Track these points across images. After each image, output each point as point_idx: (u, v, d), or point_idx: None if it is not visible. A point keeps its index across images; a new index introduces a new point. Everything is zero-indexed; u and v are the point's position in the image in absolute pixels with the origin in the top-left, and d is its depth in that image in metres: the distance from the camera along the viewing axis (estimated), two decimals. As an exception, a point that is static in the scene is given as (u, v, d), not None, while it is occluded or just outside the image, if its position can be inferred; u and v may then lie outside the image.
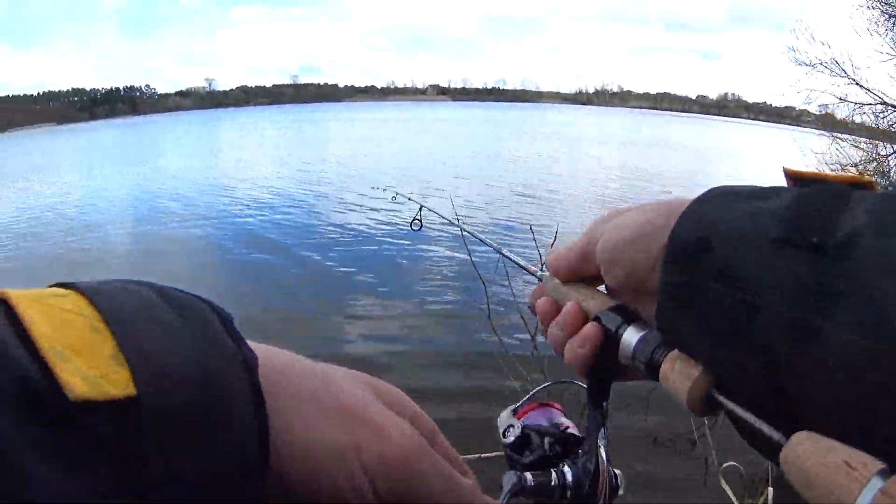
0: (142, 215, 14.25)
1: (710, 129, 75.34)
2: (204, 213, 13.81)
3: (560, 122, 65.76)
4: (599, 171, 22.23)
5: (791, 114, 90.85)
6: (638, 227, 0.44)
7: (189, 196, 16.69)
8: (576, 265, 0.51)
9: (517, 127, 54.15)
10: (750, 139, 59.17)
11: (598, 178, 19.96)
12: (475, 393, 4.79)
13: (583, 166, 23.82)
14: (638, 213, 0.45)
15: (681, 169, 23.55)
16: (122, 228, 12.95)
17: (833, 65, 12.15)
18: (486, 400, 4.30)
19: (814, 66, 12.47)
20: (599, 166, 23.75)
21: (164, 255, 10.63)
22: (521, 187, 16.10)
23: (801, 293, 0.33)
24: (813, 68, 12.51)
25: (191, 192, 17.56)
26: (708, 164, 27.91)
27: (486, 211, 12.76)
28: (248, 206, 14.44)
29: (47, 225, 13.43)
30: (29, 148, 48.58)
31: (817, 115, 16.61)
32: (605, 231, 0.47)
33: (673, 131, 61.06)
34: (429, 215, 1.88)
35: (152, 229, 12.68)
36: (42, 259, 10.63)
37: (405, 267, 8.85)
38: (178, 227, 12.69)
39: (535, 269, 0.66)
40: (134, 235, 12.35)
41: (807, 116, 23.91)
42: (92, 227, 13.01)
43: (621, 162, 26.43)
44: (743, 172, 24.28)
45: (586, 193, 16.17)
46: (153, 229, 12.67)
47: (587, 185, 18.39)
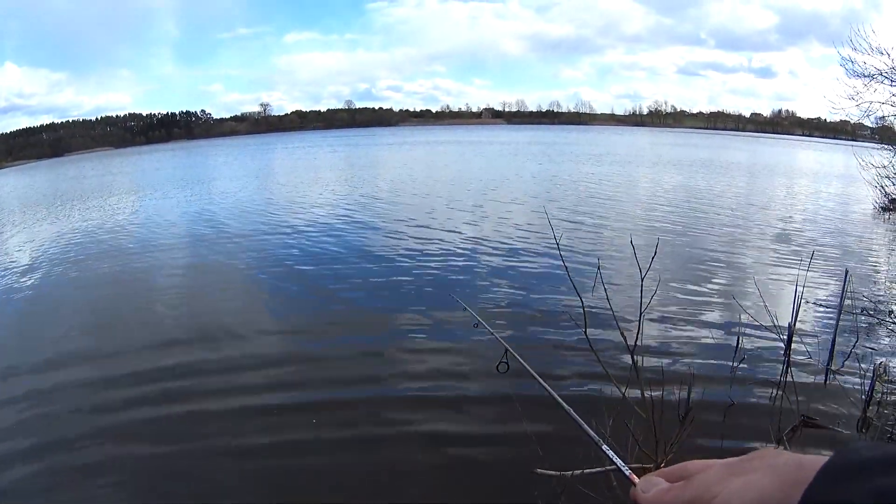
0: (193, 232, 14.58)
1: (763, 146, 73.27)
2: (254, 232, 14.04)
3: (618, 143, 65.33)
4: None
5: (846, 128, 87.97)
6: (761, 499, 0.44)
7: (230, 217, 17.08)
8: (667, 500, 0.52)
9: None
10: (804, 155, 57.38)
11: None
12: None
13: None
14: (760, 479, 0.45)
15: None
16: (181, 249, 13.24)
17: (893, 74, 11.49)
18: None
19: (872, 76, 11.82)
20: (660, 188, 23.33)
21: (210, 272, 10.84)
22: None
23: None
24: (871, 79, 11.86)
25: (232, 213, 17.96)
26: (763, 182, 27.17)
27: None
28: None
29: (103, 243, 13.87)
30: (85, 171, 50.68)
31: (873, 127, 15.87)
32: (725, 495, 0.46)
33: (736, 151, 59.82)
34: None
35: (202, 245, 12.96)
36: (100, 277, 10.94)
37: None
38: (221, 248, 12.91)
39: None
40: (187, 255, 12.59)
41: (862, 130, 22.90)
42: (147, 246, 13.35)
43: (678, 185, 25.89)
44: (798, 191, 23.48)
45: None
46: (203, 245, 12.95)
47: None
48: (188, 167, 46.09)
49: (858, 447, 0.41)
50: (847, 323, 6.45)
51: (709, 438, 4.23)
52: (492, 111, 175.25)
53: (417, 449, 4.87)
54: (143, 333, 7.64)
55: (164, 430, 5.19)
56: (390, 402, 5.67)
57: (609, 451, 1.33)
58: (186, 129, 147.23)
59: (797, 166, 40.51)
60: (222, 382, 6.16)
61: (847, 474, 0.39)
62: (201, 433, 5.14)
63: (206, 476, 4.55)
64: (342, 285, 9.54)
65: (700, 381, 5.31)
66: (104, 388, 6.07)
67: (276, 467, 4.63)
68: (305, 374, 6.33)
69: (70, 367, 6.65)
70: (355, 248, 12.08)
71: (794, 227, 14.38)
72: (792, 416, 4.75)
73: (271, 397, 5.79)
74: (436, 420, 5.33)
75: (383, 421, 5.31)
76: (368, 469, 4.60)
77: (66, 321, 8.41)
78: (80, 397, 5.91)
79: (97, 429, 5.26)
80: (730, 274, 9.74)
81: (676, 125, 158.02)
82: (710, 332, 7.04)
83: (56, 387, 6.14)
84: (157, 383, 6.06)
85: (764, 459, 0.46)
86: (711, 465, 0.51)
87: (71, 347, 7.32)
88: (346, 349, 7.01)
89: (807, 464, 0.42)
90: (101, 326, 8.16)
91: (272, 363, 6.69)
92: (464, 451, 4.82)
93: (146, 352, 6.93)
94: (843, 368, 5.76)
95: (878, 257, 11.80)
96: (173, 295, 9.44)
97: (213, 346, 7.16)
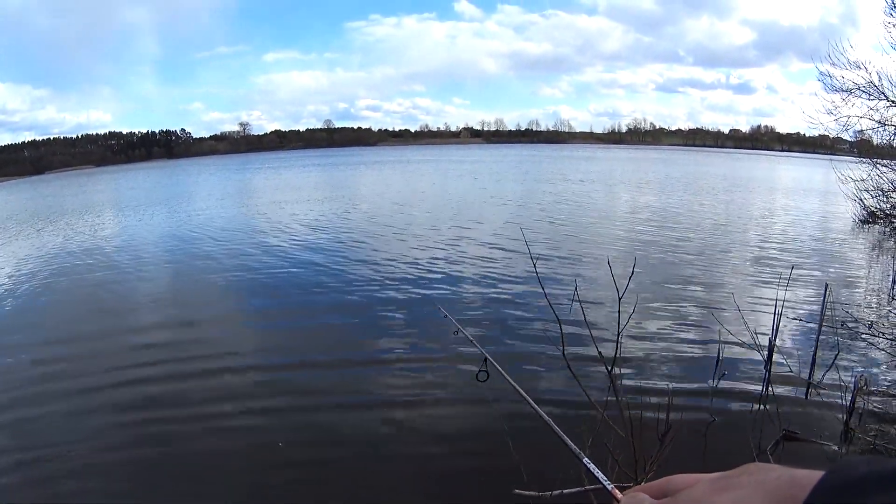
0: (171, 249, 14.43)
1: (742, 162, 74.38)
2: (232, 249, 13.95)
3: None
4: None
5: (825, 142, 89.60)
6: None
7: (212, 232, 17.00)
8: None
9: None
10: (783, 170, 58.35)
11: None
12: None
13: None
14: (750, 496, 0.43)
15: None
16: (159, 266, 13.14)
17: (871, 88, 11.62)
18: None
19: (850, 91, 11.96)
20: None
21: (186, 283, 10.71)
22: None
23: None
24: (850, 93, 11.99)
25: (212, 227, 17.87)
26: (742, 198, 27.50)
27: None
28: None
29: (82, 261, 13.68)
30: (66, 189, 50.35)
31: (852, 141, 16.09)
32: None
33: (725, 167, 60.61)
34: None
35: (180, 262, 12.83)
36: (77, 294, 10.79)
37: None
38: (201, 262, 12.81)
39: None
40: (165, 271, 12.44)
41: (840, 144, 23.26)
42: (125, 265, 13.21)
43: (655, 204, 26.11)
44: (778, 205, 23.76)
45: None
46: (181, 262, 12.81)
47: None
48: (168, 186, 45.98)
49: (855, 462, 0.39)
50: (828, 336, 6.46)
51: (690, 455, 4.18)
52: (471, 130, 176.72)
53: (396, 468, 4.80)
54: (109, 360, 7.46)
55: (135, 456, 5.08)
56: (370, 414, 5.65)
57: (590, 465, 1.29)
58: (167, 148, 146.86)
59: (777, 181, 41.12)
60: (200, 385, 6.24)
61: (845, 491, 0.37)
62: (176, 452, 5.03)
63: (183, 489, 4.47)
64: (321, 298, 9.58)
65: (681, 398, 5.30)
66: (78, 400, 5.98)
67: (251, 483, 4.54)
68: (282, 386, 6.32)
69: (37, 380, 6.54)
70: (336, 264, 12.06)
71: (774, 242, 14.53)
72: (774, 431, 4.73)
73: (249, 408, 5.77)
74: (415, 435, 5.31)
75: (361, 436, 5.28)
76: (345, 484, 4.53)
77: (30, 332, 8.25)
78: (54, 408, 5.82)
79: (76, 437, 5.16)
80: (709, 290, 9.78)
81: (655, 142, 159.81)
82: (691, 349, 7.06)
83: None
84: (128, 410, 5.94)
85: (753, 475, 0.44)
86: (697, 479, 0.50)
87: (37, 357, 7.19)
88: (325, 361, 7.02)
89: (800, 480, 0.40)
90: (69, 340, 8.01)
91: (253, 371, 6.71)
92: (442, 467, 4.77)
93: (117, 372, 6.80)
94: (824, 382, 5.77)
95: (857, 270, 11.94)
96: (149, 310, 9.32)
97: (187, 352, 7.24)
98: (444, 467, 4.77)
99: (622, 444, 3.05)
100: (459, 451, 5.00)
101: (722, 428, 4.97)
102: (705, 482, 0.48)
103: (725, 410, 5.44)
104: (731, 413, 5.45)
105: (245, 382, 6.45)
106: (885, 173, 13.09)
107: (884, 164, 13.04)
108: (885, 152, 13.08)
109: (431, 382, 6.35)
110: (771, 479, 0.43)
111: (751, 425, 5.05)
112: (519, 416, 4.95)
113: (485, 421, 5.30)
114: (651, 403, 3.81)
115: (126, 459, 4.91)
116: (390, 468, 4.78)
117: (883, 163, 13.02)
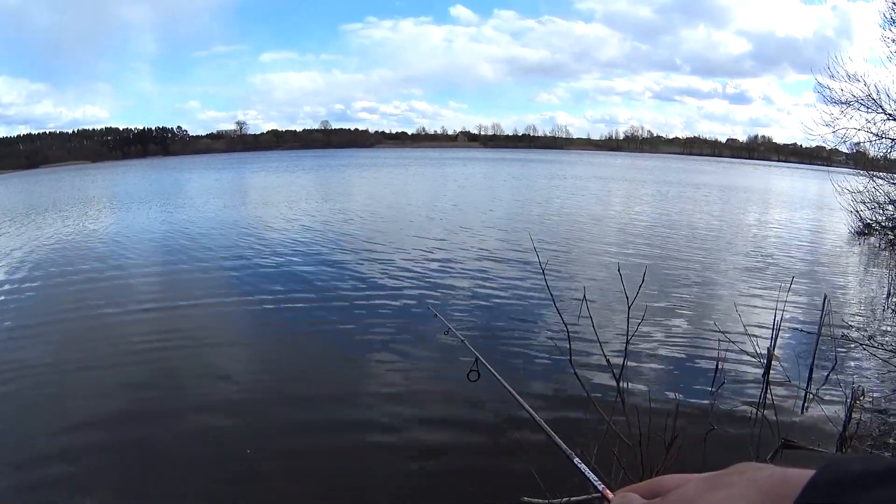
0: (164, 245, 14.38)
1: (740, 172, 74.56)
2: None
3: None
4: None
5: (822, 154, 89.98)
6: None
7: (204, 230, 16.93)
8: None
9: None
10: (780, 181, 58.54)
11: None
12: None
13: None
14: (742, 494, 0.43)
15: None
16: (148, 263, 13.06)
17: (868, 100, 11.68)
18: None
19: (848, 103, 12.01)
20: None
21: (179, 285, 10.65)
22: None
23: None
24: (847, 105, 12.05)
25: (206, 226, 17.81)
26: (740, 208, 27.59)
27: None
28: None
29: (75, 256, 13.61)
30: (61, 184, 50.04)
31: (848, 153, 16.17)
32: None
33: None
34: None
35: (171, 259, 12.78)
36: (69, 289, 10.71)
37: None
38: (194, 260, 12.75)
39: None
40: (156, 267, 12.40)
41: (837, 156, 23.38)
42: (117, 260, 13.13)
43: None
44: (776, 217, 23.82)
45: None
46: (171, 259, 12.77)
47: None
48: (163, 185, 45.77)
49: (847, 459, 0.39)
50: (825, 347, 6.50)
51: (689, 463, 4.20)
52: (468, 134, 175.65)
53: (385, 467, 4.81)
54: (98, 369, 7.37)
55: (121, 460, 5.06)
56: (364, 419, 5.62)
57: (581, 465, 1.28)
58: (163, 146, 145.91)
59: (775, 192, 41.23)
60: (191, 393, 6.17)
61: (837, 488, 0.37)
62: (167, 455, 5.00)
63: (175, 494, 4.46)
64: (310, 298, 9.60)
65: (681, 406, 5.31)
66: (65, 404, 5.92)
67: (233, 486, 4.54)
68: (274, 388, 6.31)
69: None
70: (325, 264, 12.10)
71: (773, 253, 14.55)
72: (773, 439, 4.75)
73: (235, 409, 5.75)
74: (406, 435, 5.30)
75: (355, 440, 5.26)
76: (331, 486, 4.55)
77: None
78: (38, 415, 5.75)
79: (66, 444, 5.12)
80: (711, 300, 9.81)
81: (653, 150, 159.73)
82: (691, 358, 7.07)
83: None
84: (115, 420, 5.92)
85: (744, 473, 0.44)
86: (688, 479, 0.50)
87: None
88: (313, 362, 7.05)
89: (792, 477, 0.40)
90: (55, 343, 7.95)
91: (239, 372, 6.71)
92: (437, 467, 4.77)
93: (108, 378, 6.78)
94: (822, 391, 5.80)
95: (854, 281, 12.01)
96: (138, 313, 9.21)
97: (177, 359, 7.15)
98: (439, 468, 4.77)
99: (628, 452, 3.07)
100: (455, 452, 5.00)
101: (721, 436, 4.98)
102: (696, 481, 0.48)
103: (724, 419, 5.45)
104: (731, 421, 5.47)
105: (231, 384, 6.41)
106: (881, 185, 13.19)
107: (880, 176, 13.13)
108: (881, 165, 13.18)
109: (422, 380, 6.37)
110: (763, 476, 0.43)
111: (750, 433, 5.07)
112: (510, 416, 4.99)
113: (475, 421, 5.34)
114: (653, 410, 3.83)
115: (100, 462, 4.89)
116: (380, 468, 4.78)
117: (879, 175, 13.12)
